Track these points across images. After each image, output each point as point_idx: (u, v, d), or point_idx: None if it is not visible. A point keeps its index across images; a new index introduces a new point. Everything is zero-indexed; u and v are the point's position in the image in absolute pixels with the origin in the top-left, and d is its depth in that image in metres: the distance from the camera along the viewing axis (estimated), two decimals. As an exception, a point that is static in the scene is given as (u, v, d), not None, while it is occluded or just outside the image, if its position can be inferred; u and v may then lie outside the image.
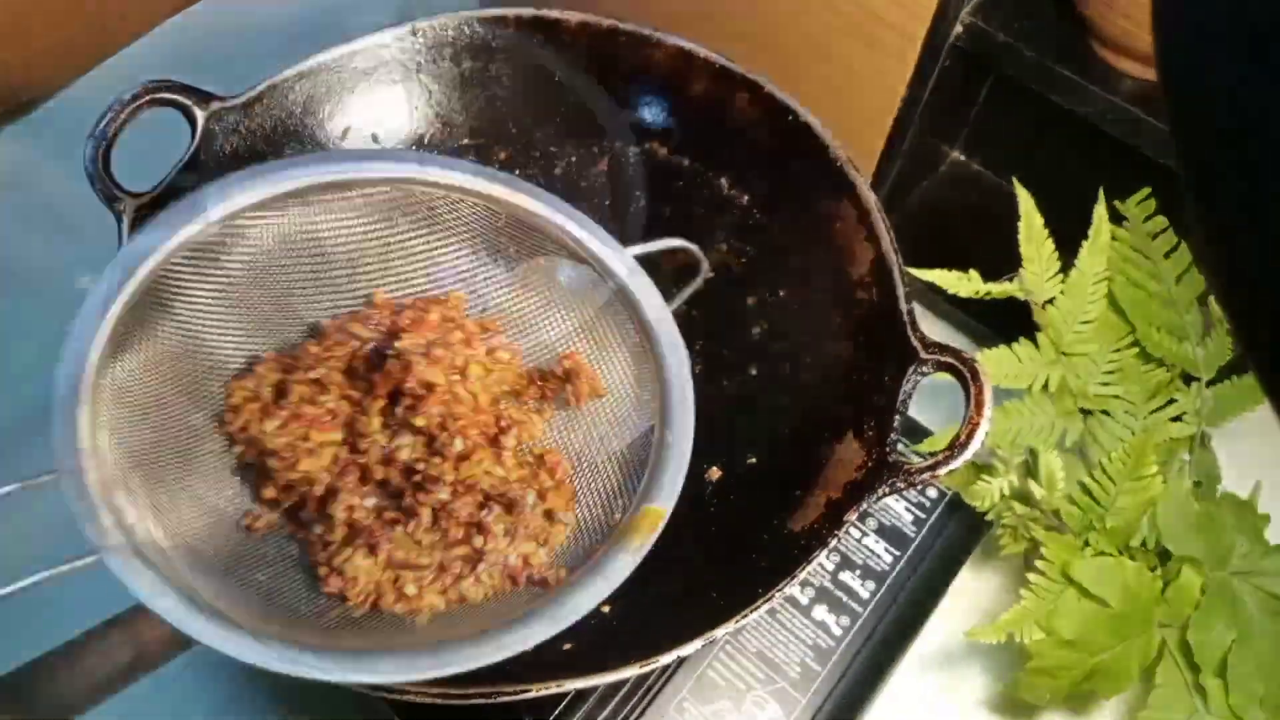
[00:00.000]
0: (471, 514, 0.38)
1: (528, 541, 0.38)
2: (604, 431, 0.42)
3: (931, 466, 0.42)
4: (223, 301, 0.39)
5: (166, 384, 0.38)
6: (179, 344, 0.38)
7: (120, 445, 0.34)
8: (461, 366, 0.40)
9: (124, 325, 0.35)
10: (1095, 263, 0.57)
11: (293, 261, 0.40)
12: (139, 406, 0.36)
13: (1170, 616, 0.52)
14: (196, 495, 0.37)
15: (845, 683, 0.51)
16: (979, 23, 0.57)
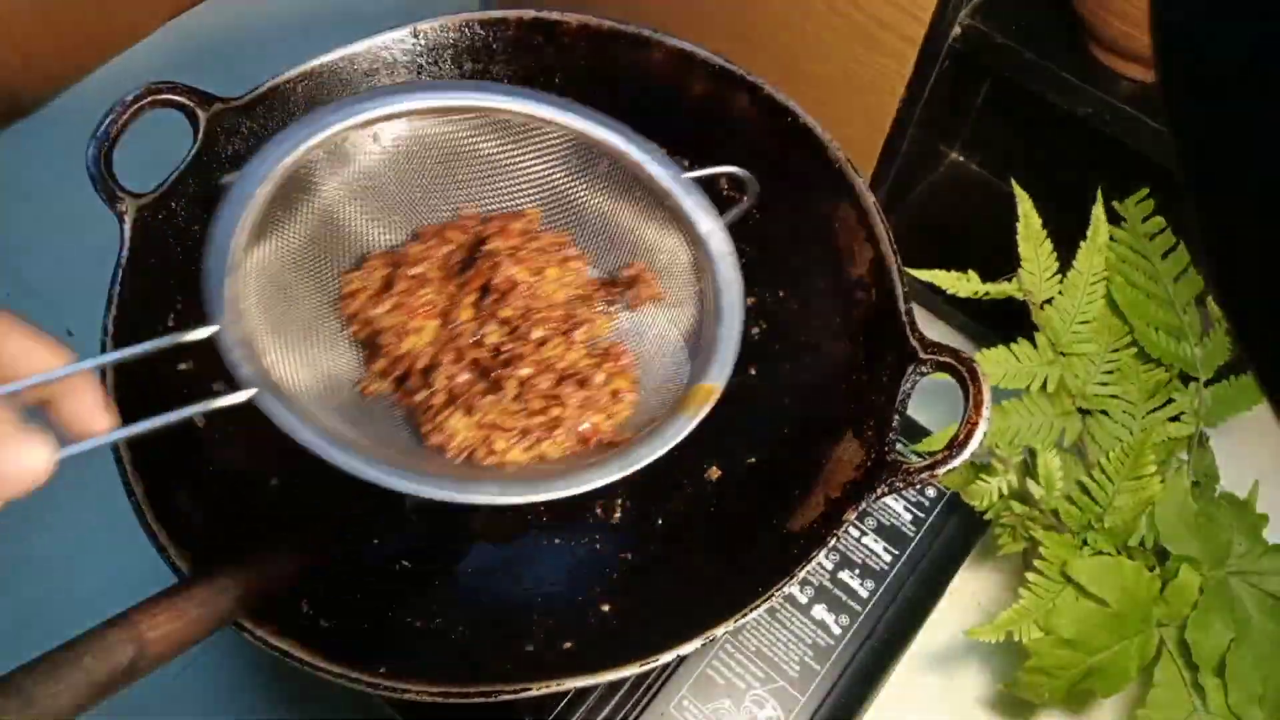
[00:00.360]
0: (550, 388, 0.43)
1: (597, 413, 0.44)
2: (662, 329, 0.47)
3: (930, 466, 0.42)
4: (342, 201, 0.46)
5: (294, 269, 0.44)
6: (304, 237, 0.44)
7: (263, 313, 0.40)
8: (540, 268, 0.46)
9: (265, 210, 0.41)
10: (1093, 263, 0.57)
11: (399, 174, 0.47)
12: (275, 284, 0.42)
13: (1168, 616, 0.52)
14: (318, 363, 0.43)
15: (844, 681, 0.52)
16: (977, 24, 0.57)
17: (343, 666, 0.38)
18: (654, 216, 0.47)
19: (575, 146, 0.47)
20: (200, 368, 0.47)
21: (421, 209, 0.48)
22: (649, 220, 0.47)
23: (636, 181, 0.46)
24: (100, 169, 0.45)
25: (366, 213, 0.47)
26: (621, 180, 0.47)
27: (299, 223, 0.44)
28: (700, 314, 0.45)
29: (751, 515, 0.48)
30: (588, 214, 0.48)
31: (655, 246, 0.48)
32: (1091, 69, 0.57)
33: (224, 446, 0.47)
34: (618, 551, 0.50)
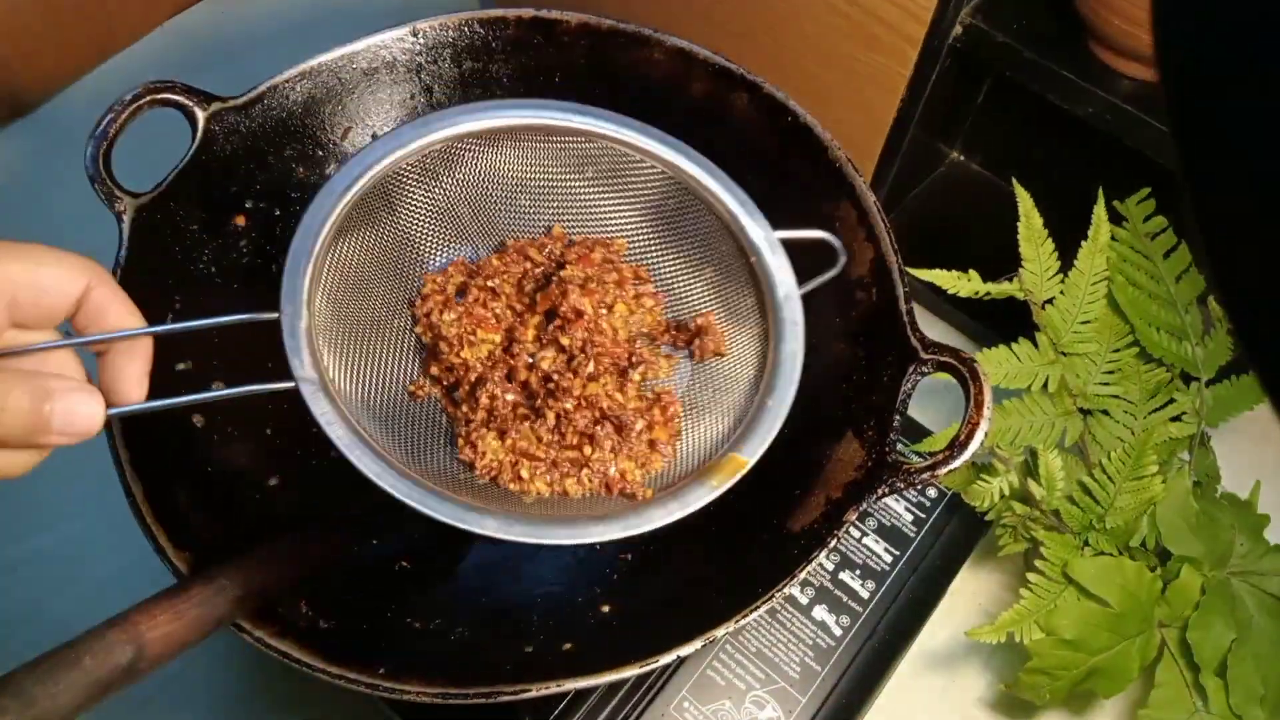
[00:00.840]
0: (587, 426, 0.44)
1: (628, 460, 0.44)
2: (717, 386, 0.47)
3: (931, 466, 0.42)
4: (433, 208, 0.48)
5: (376, 265, 0.46)
6: (392, 236, 0.47)
7: (331, 305, 0.43)
8: (610, 303, 0.47)
9: (352, 210, 0.43)
10: (1094, 263, 0.57)
11: (495, 187, 0.49)
12: (352, 278, 0.44)
13: (1170, 616, 0.52)
14: (378, 357, 0.45)
15: (845, 682, 0.51)
16: (978, 24, 0.57)
17: (341, 667, 0.38)
18: (735, 271, 0.47)
19: (673, 185, 0.48)
20: (198, 368, 0.47)
21: (513, 224, 0.50)
22: (729, 273, 0.48)
23: (726, 231, 0.47)
24: (99, 168, 0.45)
25: (458, 220, 0.49)
26: (711, 227, 0.48)
27: (389, 222, 0.46)
28: (757, 379, 0.45)
29: (752, 516, 0.47)
30: (671, 254, 0.49)
31: (730, 301, 0.48)
32: (1093, 68, 0.57)
33: (223, 447, 0.47)
34: (618, 552, 0.50)
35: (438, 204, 0.48)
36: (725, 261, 0.48)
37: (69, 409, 0.33)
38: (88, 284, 0.35)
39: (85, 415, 0.33)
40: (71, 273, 0.34)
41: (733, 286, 0.48)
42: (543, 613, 0.47)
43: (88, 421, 0.33)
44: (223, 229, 0.50)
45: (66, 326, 0.36)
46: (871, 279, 0.50)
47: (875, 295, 0.49)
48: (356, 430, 0.39)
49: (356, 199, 0.43)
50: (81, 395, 0.33)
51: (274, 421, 0.49)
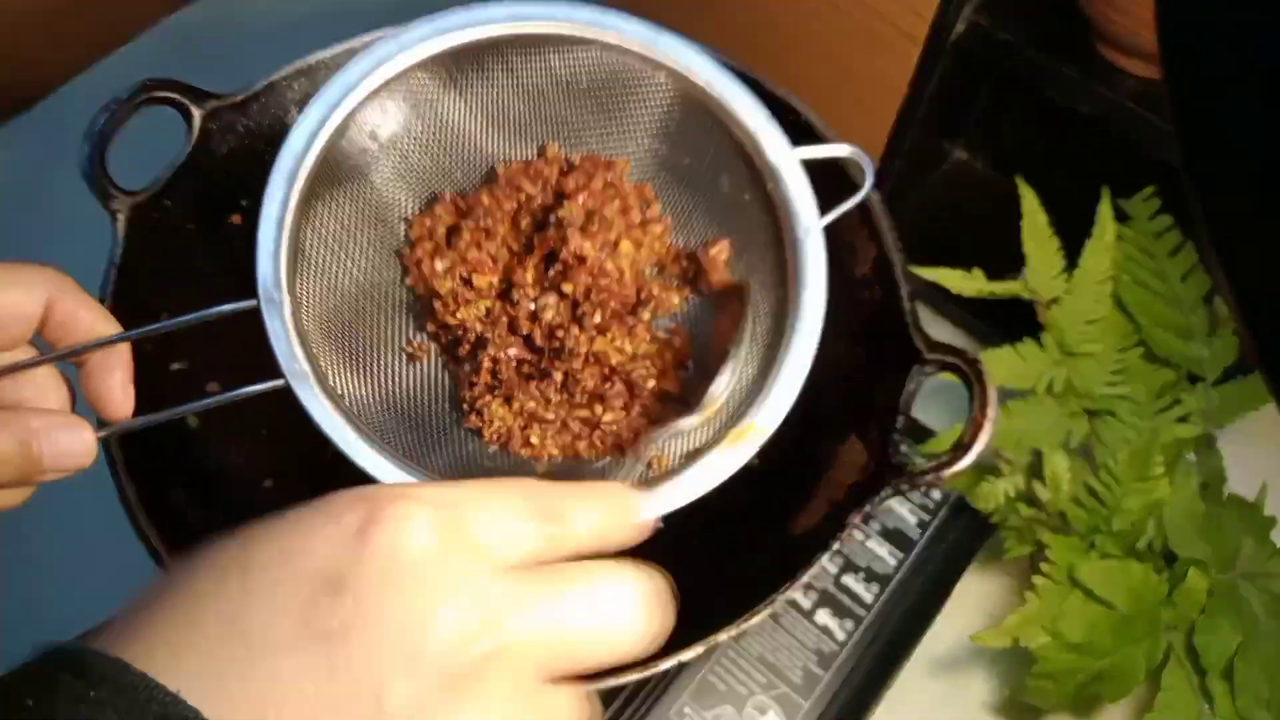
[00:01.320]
0: (596, 386, 0.41)
1: (640, 419, 0.42)
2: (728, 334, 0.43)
3: (935, 468, 0.42)
4: (408, 143, 0.43)
5: (355, 225, 0.42)
6: (368, 183, 0.43)
7: (315, 274, 0.39)
8: (615, 240, 0.42)
9: (321, 165, 0.39)
10: (1100, 262, 0.57)
11: (478, 107, 0.44)
12: (331, 240, 0.41)
13: (1176, 619, 0.51)
14: (372, 321, 0.42)
15: (849, 687, 0.51)
16: (981, 22, 0.57)
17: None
18: (753, 196, 0.42)
19: (690, 103, 0.43)
20: (194, 368, 0.47)
21: (502, 150, 0.45)
22: (741, 203, 0.43)
23: (739, 152, 0.42)
24: (94, 167, 0.45)
25: (437, 158, 0.44)
26: (728, 147, 0.43)
27: (362, 173, 0.42)
28: (775, 328, 0.41)
29: (753, 518, 0.47)
30: (682, 177, 0.45)
31: (744, 236, 0.44)
32: (1097, 66, 0.56)
33: (218, 447, 0.47)
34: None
35: (412, 137, 0.43)
36: (739, 187, 0.43)
37: (56, 446, 0.32)
38: (48, 299, 0.33)
39: (75, 450, 0.32)
40: (29, 292, 0.33)
41: (746, 218, 0.43)
42: (542, 616, 0.47)
43: (79, 455, 0.32)
44: (219, 228, 0.50)
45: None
46: (874, 278, 0.49)
47: (878, 294, 0.49)
48: (354, 422, 0.36)
49: (321, 156, 0.39)
50: (67, 430, 0.32)
51: (270, 421, 0.49)
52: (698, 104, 0.42)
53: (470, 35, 0.41)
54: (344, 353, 0.40)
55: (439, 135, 0.44)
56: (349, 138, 0.41)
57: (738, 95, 0.42)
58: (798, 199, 0.41)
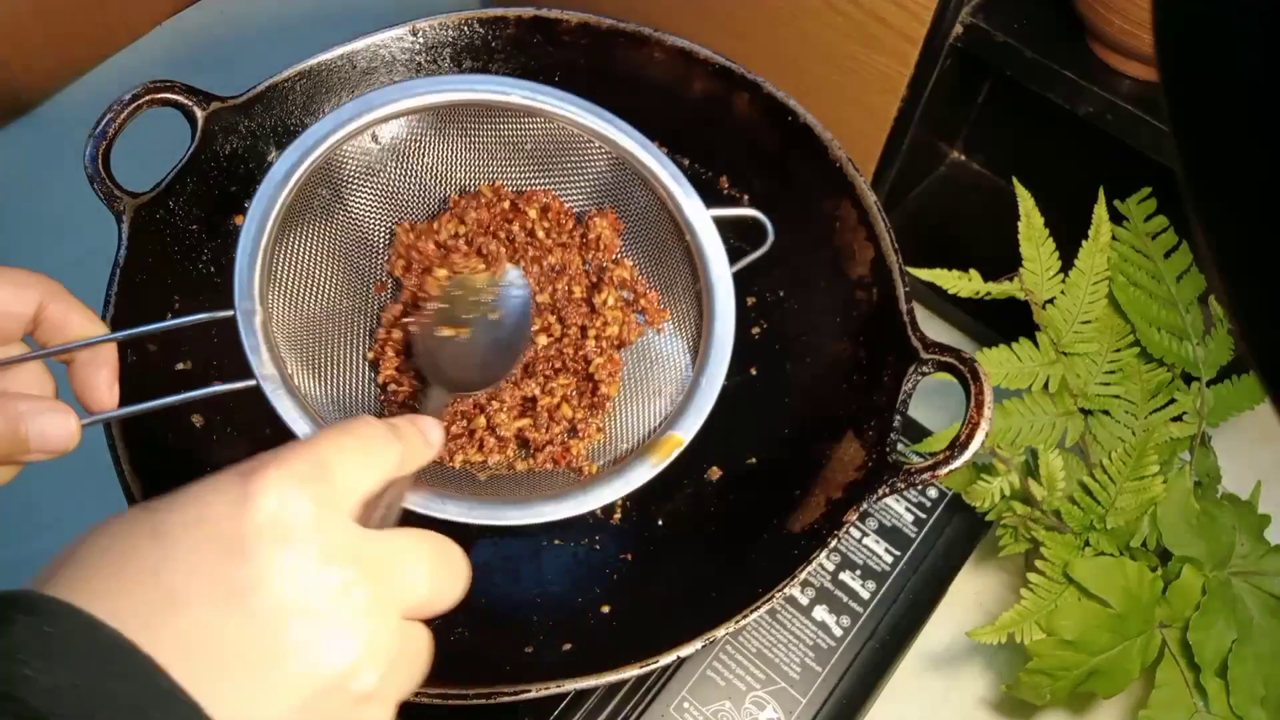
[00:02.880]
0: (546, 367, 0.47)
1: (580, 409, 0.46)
2: (652, 361, 0.48)
3: (932, 466, 0.42)
4: (377, 188, 0.48)
5: (328, 249, 0.46)
6: (340, 219, 0.47)
7: (284, 298, 0.43)
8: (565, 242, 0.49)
9: (297, 197, 0.43)
10: (1095, 262, 0.57)
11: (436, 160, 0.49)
12: (306, 263, 0.45)
13: (1171, 617, 0.52)
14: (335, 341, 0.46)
15: (845, 683, 0.51)
16: (979, 23, 0.57)
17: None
18: (671, 249, 0.48)
19: (611, 161, 0.48)
20: (197, 369, 0.47)
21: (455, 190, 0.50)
22: (666, 250, 0.48)
23: (664, 209, 0.48)
24: (98, 168, 0.45)
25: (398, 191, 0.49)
26: (649, 204, 0.48)
27: (337, 206, 0.46)
28: (692, 358, 0.46)
29: (752, 516, 0.47)
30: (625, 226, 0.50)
31: (668, 279, 0.49)
32: (1093, 67, 0.57)
33: (222, 447, 0.47)
34: (618, 552, 0.49)
35: (380, 184, 0.48)
36: (663, 239, 0.48)
37: (42, 429, 0.34)
38: (40, 301, 0.35)
39: (59, 433, 0.34)
40: (22, 292, 0.35)
41: (670, 264, 0.48)
42: (543, 613, 0.47)
43: (62, 437, 0.34)
44: (221, 228, 0.50)
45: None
46: (872, 279, 0.50)
47: (875, 295, 0.49)
48: (313, 418, 0.39)
49: (300, 185, 0.43)
50: (53, 415, 0.34)
51: (273, 421, 0.49)
52: (628, 166, 0.48)
53: (432, 99, 0.46)
54: (305, 360, 0.43)
55: (401, 179, 0.49)
56: (322, 173, 0.45)
57: (662, 162, 0.47)
58: (710, 250, 0.46)
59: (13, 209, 0.73)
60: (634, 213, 0.49)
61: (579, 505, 0.40)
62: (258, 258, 0.41)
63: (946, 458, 0.42)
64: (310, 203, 0.45)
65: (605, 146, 0.48)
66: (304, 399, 0.40)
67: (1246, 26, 0.18)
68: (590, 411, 0.46)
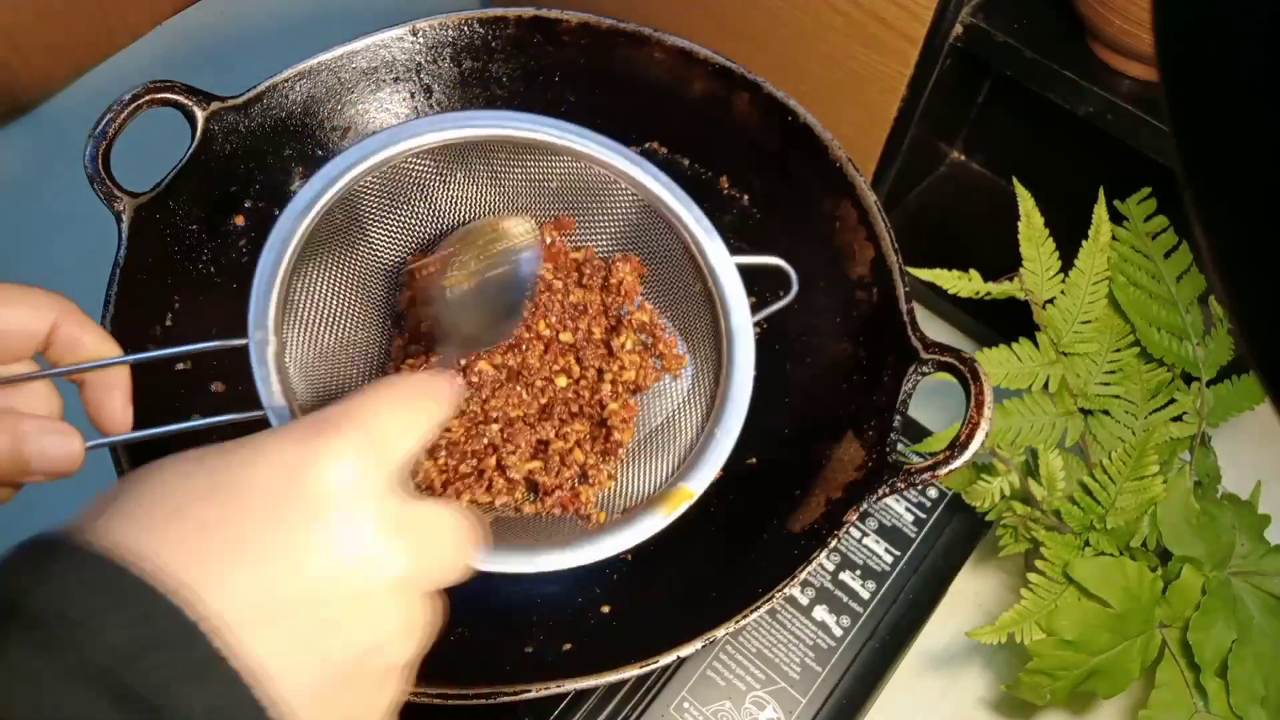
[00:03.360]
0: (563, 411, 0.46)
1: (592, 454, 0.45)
2: (668, 406, 0.47)
3: (932, 466, 0.42)
4: (398, 223, 0.47)
5: (345, 281, 0.46)
6: (360, 252, 0.46)
7: (300, 328, 0.42)
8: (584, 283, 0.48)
9: (318, 228, 0.42)
10: (1095, 262, 0.57)
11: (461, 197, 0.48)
12: (322, 296, 0.44)
13: (1171, 617, 0.52)
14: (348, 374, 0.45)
15: (845, 683, 0.51)
16: (979, 23, 0.57)
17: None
18: (692, 294, 0.47)
19: (636, 203, 0.47)
20: (198, 369, 0.47)
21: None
22: (688, 295, 0.48)
23: (686, 254, 0.47)
24: (98, 168, 0.45)
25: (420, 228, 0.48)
26: (672, 248, 0.47)
27: (358, 239, 0.46)
28: (708, 409, 0.45)
29: (752, 516, 0.47)
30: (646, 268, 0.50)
31: (687, 324, 0.48)
32: (1093, 67, 0.57)
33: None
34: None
35: (402, 219, 0.47)
36: (685, 283, 0.47)
37: (44, 451, 0.33)
38: (54, 320, 0.35)
39: (62, 455, 0.34)
40: (37, 310, 0.35)
41: (690, 309, 0.47)
42: (543, 613, 0.47)
43: (66, 459, 0.34)
44: (222, 228, 0.50)
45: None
46: (872, 279, 0.50)
47: (875, 295, 0.49)
48: None
49: (320, 217, 0.42)
50: (57, 436, 0.34)
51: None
52: (653, 209, 0.47)
53: (458, 134, 0.45)
54: (316, 391, 0.42)
55: (425, 213, 0.48)
56: (344, 205, 0.44)
57: (687, 206, 0.46)
58: (732, 298, 0.45)
59: (13, 209, 0.73)
60: (656, 255, 0.48)
61: (585, 555, 0.40)
62: (274, 287, 0.40)
63: (946, 458, 0.42)
64: (330, 234, 0.44)
65: (631, 188, 0.47)
66: None
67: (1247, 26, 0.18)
68: (602, 458, 0.45)
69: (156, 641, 0.22)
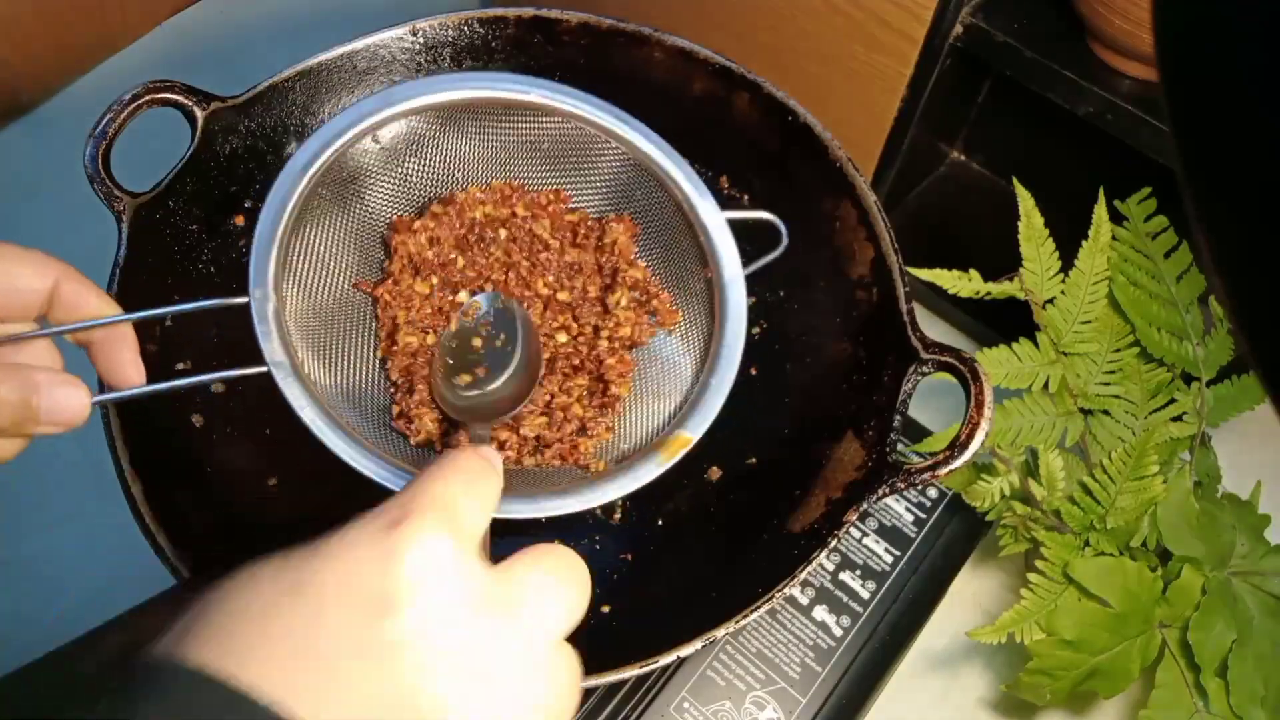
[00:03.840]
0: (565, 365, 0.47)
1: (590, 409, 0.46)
2: (664, 361, 0.48)
3: (932, 466, 0.42)
4: (392, 184, 0.48)
5: (342, 242, 0.46)
6: (356, 212, 0.47)
7: (298, 287, 0.43)
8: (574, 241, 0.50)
9: (315, 189, 0.43)
10: (1095, 262, 0.57)
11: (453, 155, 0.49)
12: (320, 256, 0.45)
13: (1171, 617, 0.52)
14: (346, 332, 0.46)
15: (845, 683, 0.51)
16: (979, 23, 0.57)
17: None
18: (685, 250, 0.48)
19: (628, 163, 0.48)
20: (197, 368, 0.47)
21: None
22: (680, 252, 0.48)
23: (679, 211, 0.47)
24: (98, 168, 0.45)
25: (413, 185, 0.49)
26: (664, 206, 0.48)
27: (354, 199, 0.46)
28: (702, 359, 0.46)
29: (752, 516, 0.47)
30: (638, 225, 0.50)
31: (680, 280, 0.48)
32: (1093, 67, 0.57)
33: (222, 447, 0.47)
34: (618, 552, 0.49)
35: (397, 178, 0.48)
36: (676, 240, 0.48)
37: (54, 401, 0.33)
38: (56, 279, 0.35)
39: (71, 406, 0.34)
40: (38, 269, 0.35)
41: (683, 265, 0.48)
42: (542, 613, 0.47)
43: (74, 411, 0.34)
44: (221, 228, 0.50)
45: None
46: (872, 279, 0.50)
47: (875, 295, 0.49)
48: (329, 413, 0.39)
49: (317, 178, 0.43)
50: (66, 388, 0.34)
51: (273, 422, 0.49)
52: (644, 168, 0.47)
53: (452, 95, 0.46)
54: (315, 349, 0.43)
55: (419, 173, 0.49)
56: (341, 166, 0.45)
57: (678, 164, 0.47)
58: (724, 252, 0.46)
59: (13, 209, 0.73)
60: (648, 213, 0.49)
61: (586, 501, 0.40)
62: (273, 246, 0.41)
63: (946, 458, 0.42)
64: (328, 195, 0.45)
65: (622, 147, 0.47)
66: (313, 387, 0.40)
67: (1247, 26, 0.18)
68: (600, 411, 0.46)
69: None
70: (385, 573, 0.25)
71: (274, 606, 0.24)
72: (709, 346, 0.45)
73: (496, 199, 0.50)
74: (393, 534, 0.26)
